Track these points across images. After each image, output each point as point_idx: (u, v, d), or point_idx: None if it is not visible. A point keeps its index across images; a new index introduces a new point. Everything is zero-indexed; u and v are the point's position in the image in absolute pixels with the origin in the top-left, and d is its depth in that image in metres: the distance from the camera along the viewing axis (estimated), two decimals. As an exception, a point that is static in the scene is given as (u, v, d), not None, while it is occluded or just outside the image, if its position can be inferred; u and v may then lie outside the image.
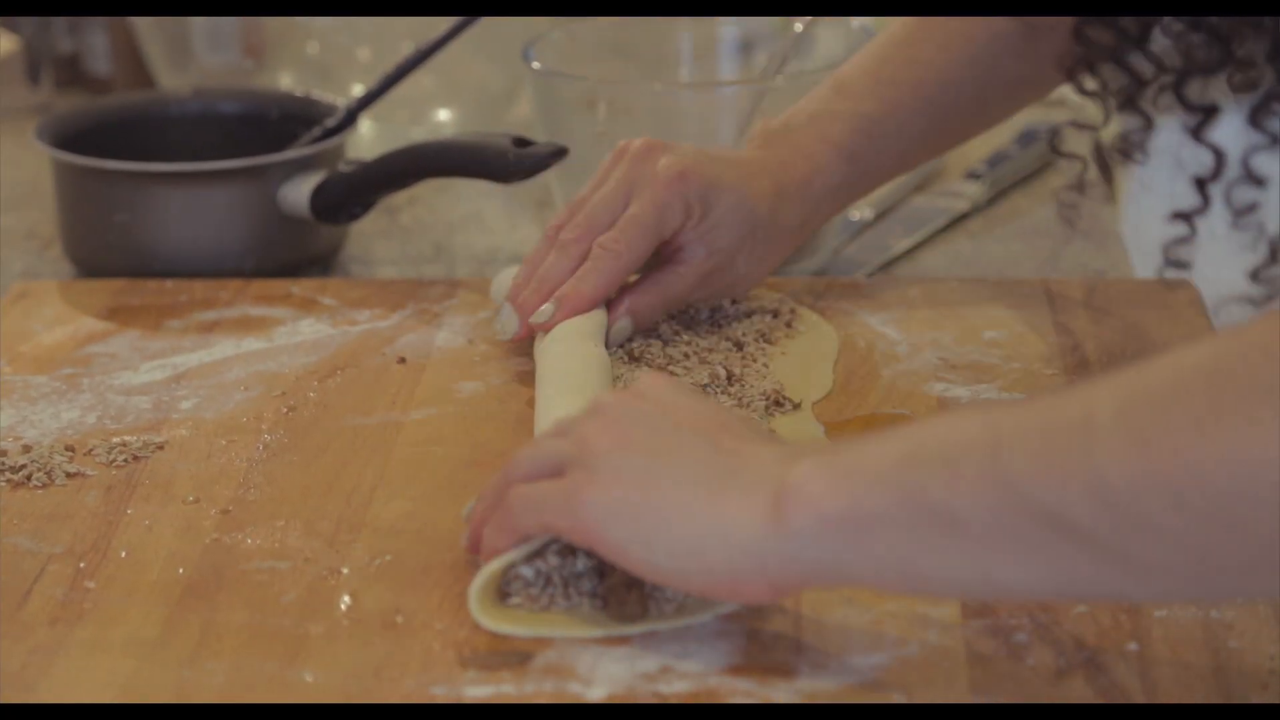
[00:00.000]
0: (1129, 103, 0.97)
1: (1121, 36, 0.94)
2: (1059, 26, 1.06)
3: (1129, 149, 0.99)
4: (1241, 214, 0.91)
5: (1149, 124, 0.98)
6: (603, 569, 0.86)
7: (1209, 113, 0.93)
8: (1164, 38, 0.94)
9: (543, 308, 1.08)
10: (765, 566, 0.79)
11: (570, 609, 0.85)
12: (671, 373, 1.06)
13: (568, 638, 0.84)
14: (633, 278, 1.12)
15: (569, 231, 1.10)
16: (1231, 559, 0.71)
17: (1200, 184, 0.92)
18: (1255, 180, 0.90)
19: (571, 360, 1.04)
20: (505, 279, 1.15)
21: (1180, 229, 0.93)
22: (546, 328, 1.08)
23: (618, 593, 0.85)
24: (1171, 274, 1.09)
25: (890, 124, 1.15)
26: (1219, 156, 0.91)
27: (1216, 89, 0.93)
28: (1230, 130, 0.93)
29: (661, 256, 1.12)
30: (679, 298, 1.12)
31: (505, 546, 0.85)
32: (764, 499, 0.78)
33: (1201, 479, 0.70)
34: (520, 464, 0.86)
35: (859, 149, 1.15)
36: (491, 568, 0.85)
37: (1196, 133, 0.93)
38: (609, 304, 1.11)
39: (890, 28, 1.18)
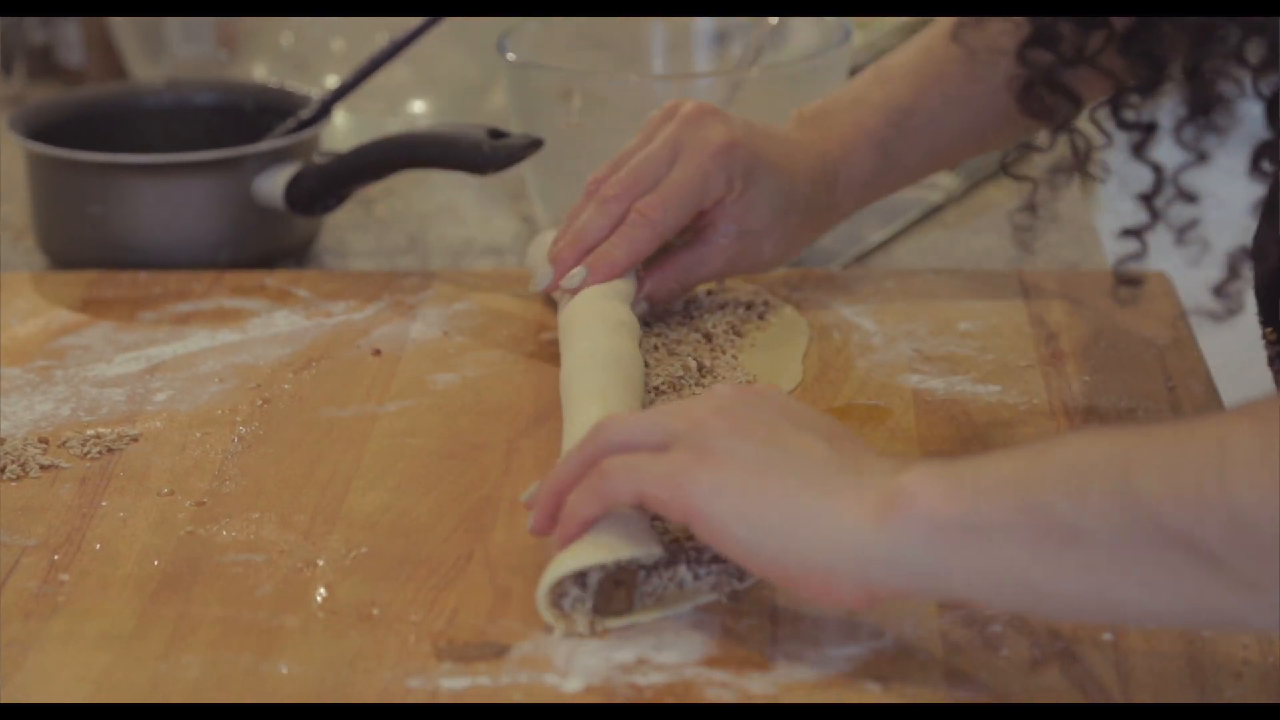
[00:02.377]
0: (1065, 125, 0.96)
1: (1059, 58, 0.92)
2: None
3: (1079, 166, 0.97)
4: (1182, 231, 0.90)
5: (1088, 145, 0.97)
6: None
7: (1148, 130, 0.92)
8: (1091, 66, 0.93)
9: (574, 271, 1.08)
10: (864, 569, 0.78)
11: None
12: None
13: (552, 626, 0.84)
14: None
15: (609, 188, 1.09)
16: None
17: (1147, 200, 0.91)
18: (1187, 197, 0.90)
19: (596, 326, 1.04)
20: (544, 240, 1.15)
21: (1131, 245, 0.92)
22: (574, 291, 1.08)
23: (605, 588, 0.85)
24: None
25: (922, 117, 1.14)
26: (1158, 172, 0.90)
27: (1152, 108, 0.91)
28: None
29: (693, 228, 1.11)
30: (701, 280, 1.12)
31: (593, 513, 0.84)
32: (874, 501, 0.77)
33: None
34: (617, 434, 0.85)
35: (890, 139, 1.13)
36: (579, 563, 0.83)
37: (1138, 150, 0.92)
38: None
39: (942, 20, 1.15)
